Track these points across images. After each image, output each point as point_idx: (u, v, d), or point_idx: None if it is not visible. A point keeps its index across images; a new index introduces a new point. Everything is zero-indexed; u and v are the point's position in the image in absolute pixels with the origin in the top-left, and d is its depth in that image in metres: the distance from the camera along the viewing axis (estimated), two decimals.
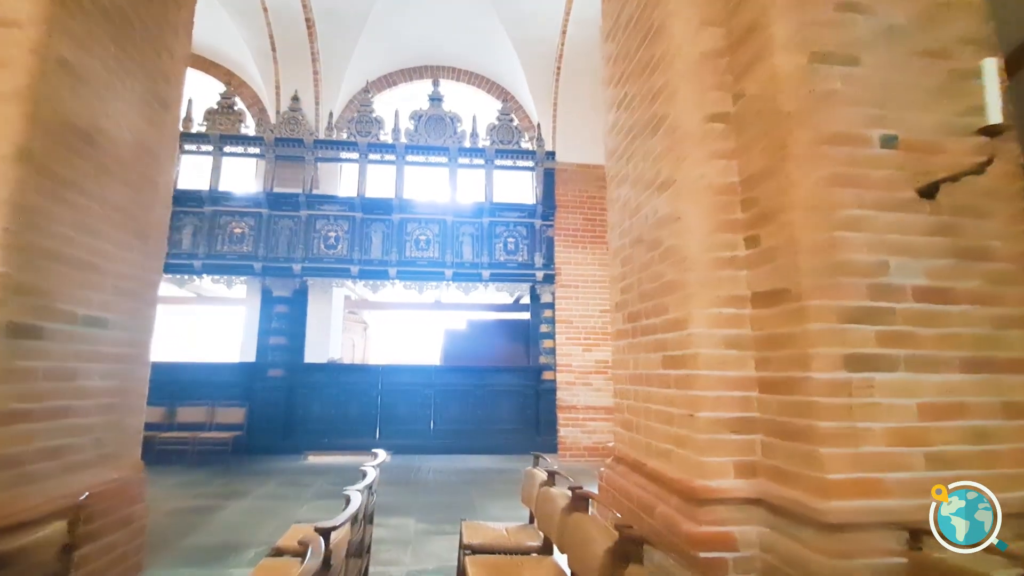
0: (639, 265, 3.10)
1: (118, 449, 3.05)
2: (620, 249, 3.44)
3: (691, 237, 2.52)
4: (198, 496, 5.33)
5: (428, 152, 8.04)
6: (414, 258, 7.80)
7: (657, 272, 2.84)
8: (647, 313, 2.95)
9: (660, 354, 2.76)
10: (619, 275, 3.45)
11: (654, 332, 2.84)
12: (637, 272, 3.12)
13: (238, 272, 7.56)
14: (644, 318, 3.00)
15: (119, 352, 3.03)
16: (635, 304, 3.15)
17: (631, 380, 3.18)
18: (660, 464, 2.69)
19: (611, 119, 3.67)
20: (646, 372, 2.95)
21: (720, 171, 2.57)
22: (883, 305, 2.13)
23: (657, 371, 2.79)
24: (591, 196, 8.34)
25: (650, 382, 2.89)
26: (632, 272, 3.21)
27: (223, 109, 7.88)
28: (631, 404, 3.17)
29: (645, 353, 2.95)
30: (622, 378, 3.33)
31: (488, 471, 6.74)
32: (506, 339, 8.88)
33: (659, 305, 2.79)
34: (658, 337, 2.79)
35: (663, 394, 2.71)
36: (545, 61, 8.23)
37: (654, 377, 2.84)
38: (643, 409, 2.97)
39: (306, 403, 7.52)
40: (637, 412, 3.06)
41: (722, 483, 2.30)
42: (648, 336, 2.93)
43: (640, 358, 3.03)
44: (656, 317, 2.82)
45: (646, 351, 2.94)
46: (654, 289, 2.87)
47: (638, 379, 3.06)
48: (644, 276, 3.02)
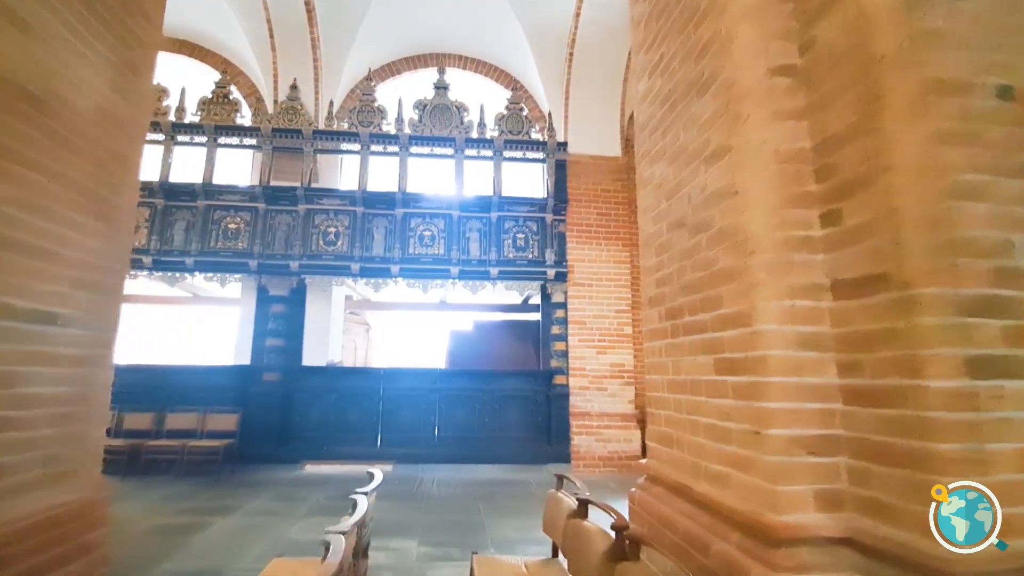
0: (680, 252, 2.65)
1: (74, 466, 2.61)
2: (654, 236, 2.99)
3: (753, 214, 2.08)
4: (182, 512, 4.90)
5: (433, 143, 7.61)
6: (418, 255, 7.37)
7: (706, 259, 2.39)
8: (692, 308, 2.50)
9: (711, 357, 2.31)
10: (653, 266, 3.00)
11: (702, 330, 2.39)
12: (678, 260, 2.67)
13: (232, 270, 7.15)
14: (688, 314, 2.55)
15: (76, 354, 2.60)
16: (675, 298, 2.70)
17: (670, 387, 2.72)
18: (713, 490, 2.23)
19: (643, 88, 3.23)
20: (691, 378, 2.49)
21: (787, 135, 2.12)
22: (1010, 294, 1.68)
23: (707, 377, 2.34)
24: (605, 189, 7.89)
25: (697, 390, 2.43)
26: (671, 261, 2.76)
27: (218, 98, 7.49)
28: (670, 415, 2.71)
29: (690, 356, 2.50)
30: (657, 384, 2.88)
31: (497, 483, 6.28)
32: (515, 341, 8.43)
33: (709, 298, 2.34)
34: (708, 336, 2.33)
35: (716, 405, 2.25)
36: (557, 47, 7.80)
37: (702, 384, 2.38)
38: (687, 422, 2.51)
39: (303, 409, 7.09)
40: (679, 425, 2.60)
41: (801, 518, 1.85)
42: (693, 335, 2.48)
43: (683, 361, 2.58)
44: (705, 313, 2.37)
45: (691, 353, 2.49)
46: (701, 279, 2.42)
47: (680, 386, 2.61)
48: (687, 265, 2.57)
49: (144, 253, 6.99)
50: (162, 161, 7.25)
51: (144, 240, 7.06)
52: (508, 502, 5.45)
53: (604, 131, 8.03)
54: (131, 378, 7.01)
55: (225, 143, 7.46)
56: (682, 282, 2.62)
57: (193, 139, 7.40)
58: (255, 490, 5.75)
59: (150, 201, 7.14)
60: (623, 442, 7.09)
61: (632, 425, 7.18)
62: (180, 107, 7.38)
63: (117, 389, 6.81)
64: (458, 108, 7.73)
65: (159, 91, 7.42)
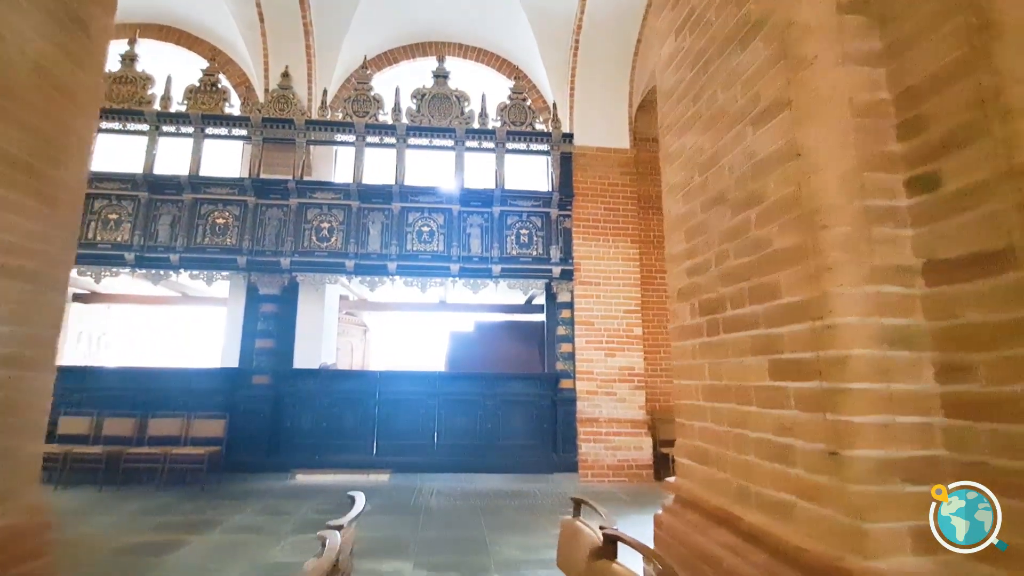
0: (720, 234, 2.24)
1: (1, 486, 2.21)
2: (683, 218, 2.58)
3: (824, 179, 1.67)
4: (159, 527, 4.49)
5: (432, 134, 7.22)
6: (416, 252, 6.96)
7: (755, 240, 1.98)
8: (737, 300, 2.09)
9: (764, 358, 1.89)
10: (682, 252, 2.59)
11: (752, 326, 1.98)
12: (716, 244, 2.26)
13: (220, 267, 6.75)
14: (731, 307, 2.14)
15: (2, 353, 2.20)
16: (713, 289, 2.29)
17: (707, 394, 2.31)
18: (770, 522, 1.81)
19: (667, 52, 2.82)
20: (736, 383, 2.08)
21: (862, 83, 1.72)
22: None
23: (758, 382, 1.93)
24: (613, 183, 7.48)
25: (744, 398, 2.02)
26: (706, 246, 2.35)
27: (206, 87, 7.10)
28: (707, 428, 2.30)
29: (735, 357, 2.09)
30: (690, 391, 2.47)
31: (500, 494, 5.86)
32: (518, 343, 8.01)
33: (761, 287, 1.93)
34: (760, 333, 1.92)
35: (772, 417, 1.84)
36: (562, 34, 7.41)
37: (751, 391, 1.97)
38: (731, 436, 2.10)
39: (295, 414, 6.67)
40: (719, 439, 2.19)
41: (895, 563, 1.43)
42: (739, 332, 2.06)
43: (724, 364, 2.17)
44: (755, 304, 1.96)
45: (736, 354, 2.08)
46: (750, 265, 2.01)
47: (720, 393, 2.20)
48: (730, 248, 2.16)
49: (127, 249, 6.60)
50: (146, 152, 6.87)
51: (127, 236, 6.67)
52: (512, 516, 5.02)
53: (611, 123, 7.63)
54: (111, 381, 6.65)
55: (213, 134, 7.06)
56: (722, 269, 2.21)
57: (179, 129, 7.00)
58: (240, 502, 5.33)
59: (133, 194, 6.75)
60: (633, 450, 6.66)
61: (643, 432, 6.75)
62: (166, 96, 7.00)
63: (96, 393, 6.48)
64: (458, 98, 7.34)
65: (144, 79, 7.05)
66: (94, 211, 6.72)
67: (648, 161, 7.92)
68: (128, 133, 6.96)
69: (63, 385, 6.46)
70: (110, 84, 6.98)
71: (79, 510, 4.94)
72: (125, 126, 6.93)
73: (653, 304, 7.47)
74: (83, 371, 6.80)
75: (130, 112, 6.87)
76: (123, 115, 6.87)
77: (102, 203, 6.75)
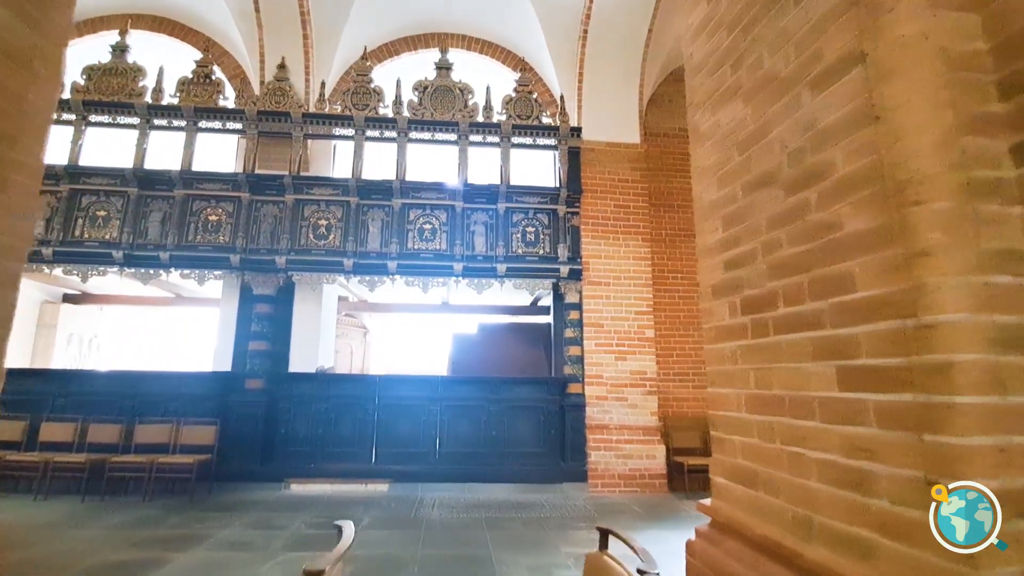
0: (769, 219, 1.94)
1: None
2: (719, 203, 2.28)
3: (912, 145, 1.36)
4: (140, 543, 4.18)
5: (435, 128, 6.93)
6: (418, 250, 6.67)
7: (818, 223, 1.67)
8: (793, 295, 1.78)
9: (831, 364, 1.58)
10: (717, 243, 2.28)
11: (814, 326, 1.67)
12: (764, 231, 1.96)
13: (212, 266, 6.46)
14: (784, 304, 1.83)
15: None
16: (759, 283, 1.98)
17: (752, 405, 2.00)
18: (839, 560, 1.50)
19: (697, 19, 2.52)
20: (792, 394, 1.77)
21: (952, 30, 1.41)
22: None
23: (823, 393, 1.62)
24: (623, 179, 7.18)
25: (803, 411, 1.71)
26: (750, 233, 2.05)
27: (199, 79, 6.83)
28: (752, 444, 1.99)
29: (790, 362, 1.78)
30: (729, 401, 2.16)
31: (506, 506, 5.54)
32: (524, 346, 7.69)
33: (827, 279, 1.62)
34: (826, 335, 1.61)
35: (844, 435, 1.53)
36: (570, 24, 7.13)
37: (814, 403, 1.66)
38: (785, 456, 1.79)
39: (289, 420, 6.37)
40: (769, 459, 1.88)
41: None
42: (796, 333, 1.75)
43: (775, 370, 1.86)
44: (820, 300, 1.65)
45: (792, 358, 1.77)
46: (810, 253, 1.70)
47: (771, 404, 1.89)
48: (782, 235, 1.85)
49: (115, 247, 6.32)
50: (137, 146, 6.59)
51: (116, 233, 6.39)
52: (520, 530, 4.71)
53: (621, 116, 7.34)
54: (97, 385, 6.35)
55: (206, 127, 6.79)
56: (772, 260, 1.90)
57: (171, 123, 6.73)
58: (230, 514, 5.03)
59: (122, 190, 6.48)
60: (646, 458, 6.34)
61: (655, 439, 6.43)
62: (157, 88, 6.73)
63: (81, 398, 6.16)
64: (462, 90, 7.05)
65: (135, 70, 6.79)
66: (82, 208, 6.45)
67: (659, 156, 7.62)
68: (118, 127, 6.69)
69: (45, 389, 6.23)
70: (99, 76, 6.73)
71: (56, 523, 4.64)
72: (115, 119, 6.66)
73: (665, 305, 7.15)
74: (67, 374, 6.52)
75: (120, 105, 6.60)
76: (113, 108, 6.61)
77: (90, 199, 6.48)
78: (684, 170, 7.64)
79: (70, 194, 6.42)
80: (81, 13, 7.33)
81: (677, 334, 7.10)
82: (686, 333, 7.13)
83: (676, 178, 7.61)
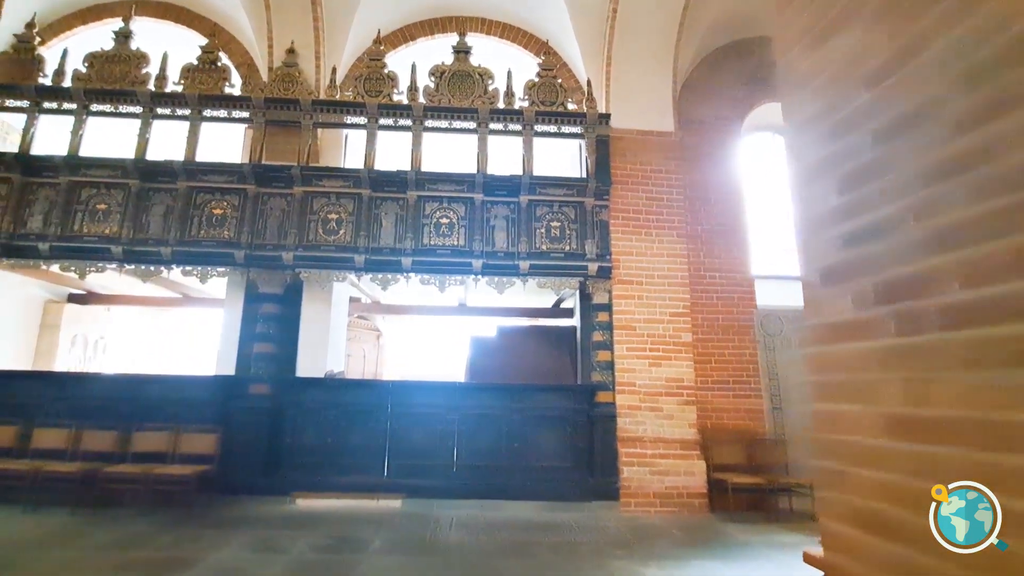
0: (922, 172, 1.38)
1: None
2: (837, 158, 1.72)
3: None
4: (124, 566, 3.73)
5: (452, 115, 6.46)
6: (434, 246, 6.19)
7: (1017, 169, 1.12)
8: (972, 275, 1.23)
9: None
10: (834, 211, 1.72)
11: (1014, 318, 1.12)
12: (916, 188, 1.41)
13: (215, 262, 6.05)
14: (956, 286, 1.28)
15: None
16: (907, 260, 1.42)
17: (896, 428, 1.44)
18: None
19: None
20: (970, 415, 1.21)
21: None
22: None
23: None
24: (656, 170, 6.63)
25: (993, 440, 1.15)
26: (889, 195, 1.50)
27: (204, 65, 6.47)
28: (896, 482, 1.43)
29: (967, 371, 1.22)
30: (852, 421, 1.60)
31: (531, 527, 5.00)
32: (548, 350, 7.15)
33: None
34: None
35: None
36: (596, 2, 6.62)
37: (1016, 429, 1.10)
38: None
39: (296, 429, 5.91)
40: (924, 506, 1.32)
41: None
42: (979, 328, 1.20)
43: (941, 381, 1.30)
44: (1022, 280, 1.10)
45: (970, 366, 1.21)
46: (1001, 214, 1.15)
47: (930, 428, 1.32)
48: (948, 191, 1.30)
49: (114, 242, 5.96)
50: (139, 136, 6.25)
51: (115, 227, 6.03)
52: (549, 558, 4.16)
53: (653, 102, 6.80)
54: (95, 389, 5.98)
55: (211, 116, 6.42)
56: (929, 228, 1.35)
57: (175, 111, 6.37)
58: (228, 532, 4.57)
59: (123, 182, 6.12)
60: (684, 475, 5.74)
61: (694, 454, 5.83)
62: (161, 75, 6.37)
63: (77, 402, 5.72)
64: (481, 75, 6.58)
65: (138, 57, 6.45)
66: (81, 200, 6.10)
67: (696, 146, 7.05)
68: (120, 116, 6.35)
69: (40, 394, 5.84)
70: (102, 63, 6.40)
71: (37, 541, 4.22)
72: (117, 108, 6.32)
73: (703, 306, 6.56)
74: (63, 378, 6.18)
75: (121, 93, 6.26)
76: (114, 96, 6.27)
77: (90, 192, 6.13)
78: (722, 160, 7.07)
79: (69, 187, 6.08)
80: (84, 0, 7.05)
81: (716, 338, 6.50)
82: (726, 337, 6.53)
83: (713, 169, 7.03)
